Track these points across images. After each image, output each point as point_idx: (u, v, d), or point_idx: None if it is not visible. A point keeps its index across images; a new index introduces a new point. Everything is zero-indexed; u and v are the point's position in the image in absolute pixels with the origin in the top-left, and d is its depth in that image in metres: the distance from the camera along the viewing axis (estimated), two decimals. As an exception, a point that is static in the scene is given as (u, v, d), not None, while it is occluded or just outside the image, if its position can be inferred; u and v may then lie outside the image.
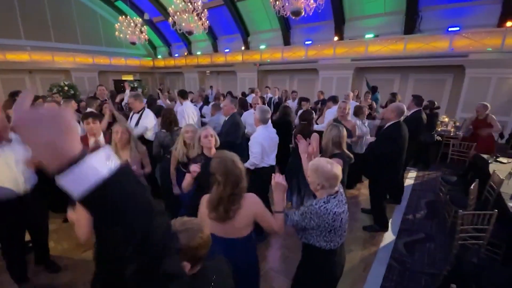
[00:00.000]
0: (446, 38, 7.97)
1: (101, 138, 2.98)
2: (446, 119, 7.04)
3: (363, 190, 4.65)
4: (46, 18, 13.65)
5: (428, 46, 8.28)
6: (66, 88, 11.73)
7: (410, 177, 5.31)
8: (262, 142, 2.95)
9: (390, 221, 3.65)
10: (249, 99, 6.12)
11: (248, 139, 3.09)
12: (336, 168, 1.62)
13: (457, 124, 6.87)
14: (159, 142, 3.25)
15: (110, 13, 15.80)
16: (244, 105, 5.50)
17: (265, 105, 4.75)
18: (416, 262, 2.92)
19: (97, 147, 0.47)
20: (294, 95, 7.52)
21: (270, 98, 7.85)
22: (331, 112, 4.69)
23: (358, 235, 3.40)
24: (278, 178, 1.65)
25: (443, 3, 8.48)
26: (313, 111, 4.57)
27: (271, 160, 3.15)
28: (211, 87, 13.04)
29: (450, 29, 7.97)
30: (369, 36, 9.68)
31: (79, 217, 1.56)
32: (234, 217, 1.55)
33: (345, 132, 2.51)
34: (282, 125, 4.32)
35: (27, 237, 2.54)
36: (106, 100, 5.31)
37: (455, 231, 2.66)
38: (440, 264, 2.86)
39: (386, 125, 3.43)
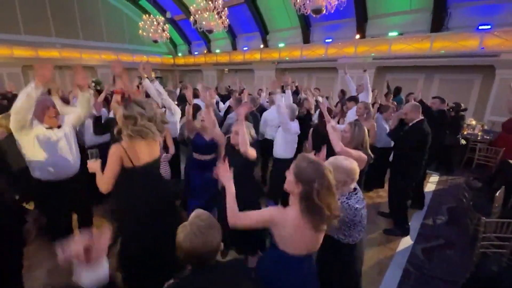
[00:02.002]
0: (476, 36, 7.56)
1: None
2: (473, 122, 6.72)
3: (381, 193, 4.56)
4: (75, 17, 14.33)
5: (456, 45, 7.90)
6: (93, 84, 12.31)
7: (432, 182, 5.13)
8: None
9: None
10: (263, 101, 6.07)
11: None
12: (353, 163, 1.68)
13: (485, 127, 6.54)
14: (183, 130, 3.46)
15: (134, 11, 16.33)
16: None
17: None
18: (434, 268, 2.85)
19: None
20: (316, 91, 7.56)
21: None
22: (352, 113, 4.63)
23: (374, 237, 3.35)
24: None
25: (473, 0, 8.05)
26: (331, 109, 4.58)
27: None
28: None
29: (480, 27, 7.55)
30: (392, 34, 9.37)
31: (110, 173, 1.76)
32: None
33: (366, 131, 2.49)
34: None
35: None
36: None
37: (476, 239, 2.57)
38: (459, 271, 2.78)
39: (410, 125, 3.35)
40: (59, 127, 2.38)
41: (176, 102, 4.20)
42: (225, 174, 1.57)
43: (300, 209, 1.34)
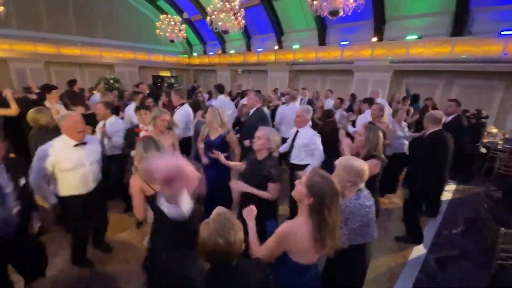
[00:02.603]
0: (500, 42, 7.26)
1: (150, 127, 3.23)
2: (494, 130, 6.45)
3: (394, 199, 4.45)
4: (95, 16, 14.79)
5: (478, 49, 7.61)
6: (111, 81, 12.71)
7: (448, 190, 4.95)
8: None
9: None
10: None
11: None
12: (364, 164, 1.71)
13: (507, 136, 6.27)
14: (196, 131, 3.50)
15: (151, 11, 16.69)
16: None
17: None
18: (448, 279, 2.75)
19: None
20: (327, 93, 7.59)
21: (301, 99, 7.84)
22: (365, 115, 4.57)
23: (386, 244, 3.27)
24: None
25: (497, 4, 7.73)
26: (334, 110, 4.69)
27: None
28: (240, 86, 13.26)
29: (503, 32, 7.26)
30: (411, 37, 9.14)
31: (137, 202, 1.89)
32: None
33: (381, 135, 2.44)
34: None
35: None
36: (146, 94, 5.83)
37: (494, 251, 2.47)
38: (474, 283, 2.67)
39: (427, 134, 3.24)
40: (84, 143, 2.39)
41: (185, 101, 4.24)
42: (248, 215, 1.65)
43: (308, 224, 1.38)
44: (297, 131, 3.30)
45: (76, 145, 2.31)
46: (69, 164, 2.28)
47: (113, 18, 15.48)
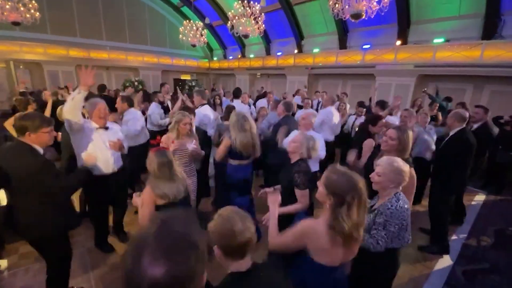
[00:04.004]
0: (534, 45, 6.84)
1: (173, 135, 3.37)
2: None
3: (418, 208, 4.26)
4: (124, 22, 15.58)
5: (510, 54, 7.19)
6: (136, 83, 13.26)
7: (478, 200, 4.69)
8: None
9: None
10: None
11: None
12: (406, 164, 1.69)
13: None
14: (219, 132, 3.51)
15: (175, 17, 17.31)
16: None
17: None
18: (477, 293, 2.60)
19: None
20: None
21: (318, 102, 7.78)
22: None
23: (409, 252, 3.13)
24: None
25: (531, 6, 7.31)
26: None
27: None
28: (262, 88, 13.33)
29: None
30: (438, 40, 8.81)
31: (143, 210, 1.94)
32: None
33: (410, 135, 2.28)
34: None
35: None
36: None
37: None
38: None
39: (450, 134, 3.14)
40: (106, 128, 2.64)
41: (205, 101, 4.31)
42: (273, 200, 1.65)
43: (329, 223, 1.32)
44: None
45: (98, 128, 2.56)
46: (90, 144, 2.50)
47: (141, 25, 16.23)
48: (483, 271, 2.93)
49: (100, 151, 2.55)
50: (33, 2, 8.30)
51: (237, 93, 5.71)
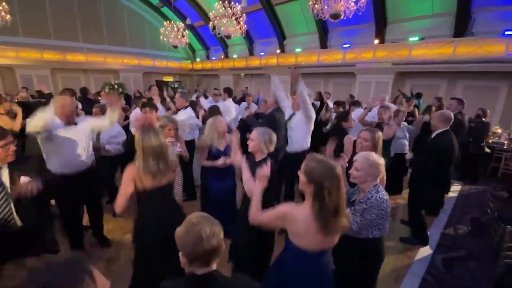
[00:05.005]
0: (502, 42, 7.26)
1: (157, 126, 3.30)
2: (499, 130, 6.40)
3: (398, 200, 4.42)
4: (101, 23, 15.10)
5: (481, 50, 7.60)
6: (116, 86, 12.85)
7: (454, 191, 4.92)
8: None
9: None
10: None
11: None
12: (381, 158, 1.79)
13: (512, 136, 6.22)
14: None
15: (155, 18, 16.97)
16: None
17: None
18: (455, 279, 2.72)
19: None
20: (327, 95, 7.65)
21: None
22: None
23: (391, 245, 3.24)
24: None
25: (498, 4, 7.75)
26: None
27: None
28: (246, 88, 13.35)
29: (506, 32, 7.25)
30: (413, 39, 9.16)
31: (124, 191, 1.83)
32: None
33: (380, 135, 2.43)
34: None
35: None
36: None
37: (501, 251, 2.44)
38: (481, 284, 2.64)
39: (434, 134, 3.21)
40: (75, 124, 2.55)
41: (188, 104, 4.25)
42: (262, 175, 1.66)
43: (311, 210, 1.36)
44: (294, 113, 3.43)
45: (66, 124, 2.46)
46: (60, 140, 2.41)
47: (119, 26, 15.79)
48: (461, 258, 3.08)
49: (70, 149, 2.48)
50: (3, 4, 7.90)
51: (230, 92, 5.70)
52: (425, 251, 3.17)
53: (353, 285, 1.88)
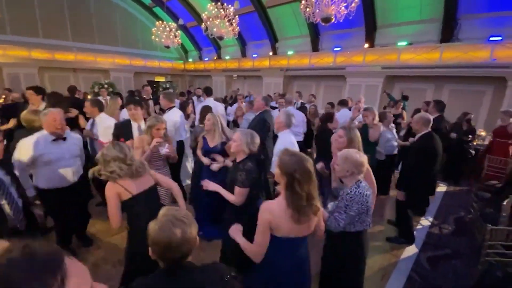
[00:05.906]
0: (487, 48, 7.52)
1: (143, 123, 3.26)
2: (483, 133, 6.61)
3: (386, 200, 4.51)
4: (92, 22, 14.87)
5: (466, 55, 7.85)
6: (106, 86, 12.65)
7: (439, 191, 5.05)
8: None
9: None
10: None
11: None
12: (363, 157, 1.84)
13: (495, 139, 6.42)
14: (195, 136, 3.46)
15: (147, 18, 16.83)
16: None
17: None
18: (439, 277, 2.80)
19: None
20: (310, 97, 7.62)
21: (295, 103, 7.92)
22: (340, 115, 4.86)
23: (378, 244, 3.32)
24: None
25: (483, 11, 8.03)
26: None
27: None
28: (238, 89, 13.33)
29: (491, 38, 7.52)
30: (402, 44, 9.39)
31: (113, 210, 1.83)
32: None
33: (357, 132, 2.52)
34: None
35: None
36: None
37: (483, 248, 2.53)
38: (465, 281, 2.72)
39: (416, 137, 3.29)
40: (64, 139, 2.52)
41: (173, 105, 4.18)
42: (235, 233, 1.67)
43: (285, 199, 1.46)
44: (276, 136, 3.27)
45: (55, 140, 2.43)
46: (48, 158, 2.39)
47: (110, 25, 15.57)
48: (445, 257, 3.17)
49: (57, 166, 2.45)
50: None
51: (209, 91, 5.61)
52: (411, 250, 3.25)
53: (340, 282, 1.92)
